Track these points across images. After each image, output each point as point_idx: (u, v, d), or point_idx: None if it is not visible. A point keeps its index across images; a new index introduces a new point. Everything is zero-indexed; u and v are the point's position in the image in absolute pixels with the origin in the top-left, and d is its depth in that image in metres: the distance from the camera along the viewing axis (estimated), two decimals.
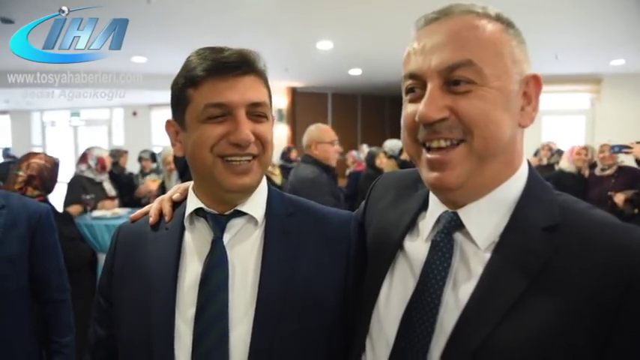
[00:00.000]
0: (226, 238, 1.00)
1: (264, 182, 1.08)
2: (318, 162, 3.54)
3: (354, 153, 7.44)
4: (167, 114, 1.06)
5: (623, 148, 4.66)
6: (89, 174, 4.34)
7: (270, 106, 1.03)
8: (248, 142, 0.94)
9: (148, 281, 1.00)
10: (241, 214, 1.02)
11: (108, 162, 4.54)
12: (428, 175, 0.85)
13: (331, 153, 3.59)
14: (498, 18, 0.85)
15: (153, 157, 6.92)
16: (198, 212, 1.03)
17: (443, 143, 0.83)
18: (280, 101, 11.05)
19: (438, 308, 0.83)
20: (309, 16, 5.69)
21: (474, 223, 0.85)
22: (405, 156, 6.39)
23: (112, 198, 4.48)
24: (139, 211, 1.16)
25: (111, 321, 1.05)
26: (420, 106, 0.82)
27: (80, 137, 13.85)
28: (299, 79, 10.53)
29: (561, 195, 0.87)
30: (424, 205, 0.97)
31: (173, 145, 1.05)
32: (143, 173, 6.37)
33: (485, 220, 0.85)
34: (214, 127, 0.94)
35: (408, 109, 0.87)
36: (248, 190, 1.00)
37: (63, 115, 13.88)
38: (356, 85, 10.85)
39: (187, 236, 1.04)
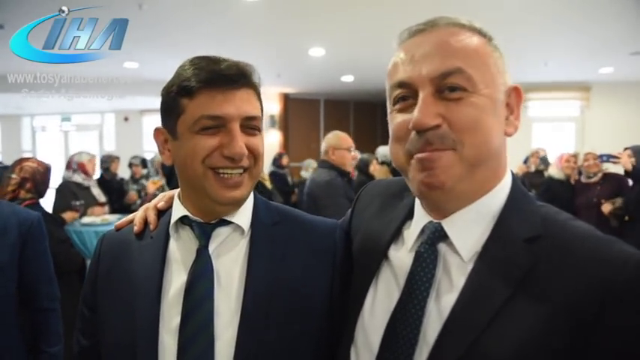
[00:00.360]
0: (212, 247, 1.00)
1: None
2: (335, 167, 3.71)
3: None
4: (159, 120, 1.06)
5: (610, 158, 4.71)
6: (77, 179, 4.31)
7: (262, 118, 1.03)
8: (242, 156, 0.94)
9: (132, 290, 0.99)
10: (227, 222, 1.02)
11: (90, 167, 4.52)
12: (417, 176, 0.85)
13: (348, 159, 3.75)
14: (481, 31, 0.87)
15: (144, 162, 6.87)
16: (183, 220, 1.03)
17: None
18: (272, 107, 11.06)
19: (421, 319, 0.83)
20: (301, 22, 5.72)
21: (457, 235, 0.86)
22: None
23: (101, 204, 4.45)
24: (123, 220, 1.16)
25: (95, 331, 1.04)
26: (415, 113, 0.82)
27: (71, 142, 13.74)
28: (291, 86, 10.55)
29: (544, 206, 0.89)
30: (409, 215, 0.98)
31: (161, 153, 1.04)
32: (133, 179, 6.32)
33: (469, 231, 0.86)
34: (207, 139, 0.94)
35: (398, 119, 0.87)
36: (238, 203, 1.00)
37: (54, 120, 13.77)
38: (348, 91, 10.90)
39: (172, 245, 1.03)
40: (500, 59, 0.88)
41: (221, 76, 0.94)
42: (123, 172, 6.84)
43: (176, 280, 0.99)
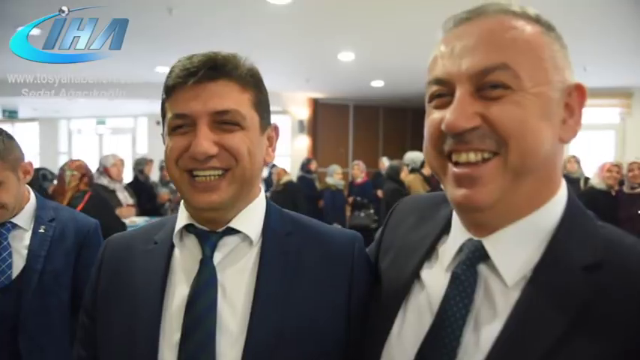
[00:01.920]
0: (217, 257, 0.93)
1: (261, 197, 1.00)
2: None
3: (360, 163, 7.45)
4: None
5: None
6: (103, 181, 4.36)
7: (260, 111, 0.95)
8: (204, 155, 0.86)
9: (133, 301, 0.93)
10: (235, 231, 0.94)
11: (115, 171, 4.57)
12: (454, 192, 0.75)
13: None
14: (538, 19, 0.76)
15: None
16: (188, 228, 0.96)
17: (473, 157, 0.73)
18: (301, 112, 11.04)
19: (456, 351, 0.73)
20: (330, 26, 5.66)
21: (501, 255, 0.75)
22: (427, 170, 6.25)
23: (129, 206, 4.48)
24: None
25: (94, 342, 0.98)
26: (448, 114, 0.72)
27: (105, 145, 14.07)
28: (320, 91, 10.51)
29: (605, 227, 0.76)
30: (446, 228, 0.87)
31: None
32: (163, 182, 6.39)
33: (516, 252, 0.74)
34: (178, 139, 0.89)
35: (434, 115, 0.78)
36: (218, 208, 0.91)
37: (89, 123, 14.15)
38: (378, 96, 10.78)
39: (177, 253, 0.97)
40: (561, 52, 0.76)
41: (187, 70, 0.88)
42: (153, 175, 6.93)
43: (179, 291, 0.92)
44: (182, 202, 1.00)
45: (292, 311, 0.89)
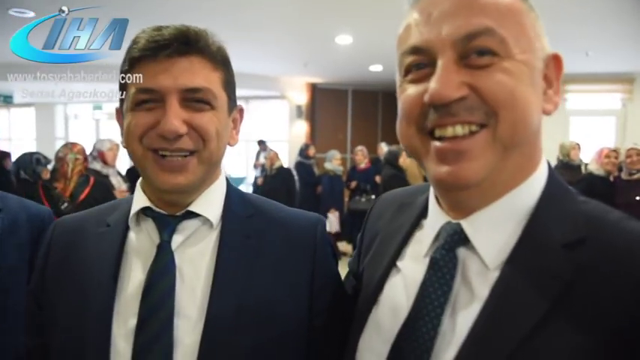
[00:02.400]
0: (176, 241, 0.88)
1: (221, 179, 0.96)
2: None
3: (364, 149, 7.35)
4: None
5: None
6: (96, 166, 4.30)
7: (228, 91, 0.90)
8: (174, 134, 0.81)
9: (84, 286, 0.88)
10: (194, 215, 0.90)
11: (110, 156, 4.50)
12: (437, 169, 0.69)
13: None
14: None
15: None
16: (145, 212, 0.91)
17: (460, 130, 0.67)
18: (299, 97, 10.93)
19: (433, 341, 0.68)
20: (327, 8, 5.55)
21: (481, 237, 0.70)
22: None
23: (121, 191, 4.43)
24: None
25: (42, 330, 0.93)
26: (432, 84, 0.66)
27: (102, 130, 13.98)
28: (318, 75, 10.39)
29: (588, 202, 0.72)
30: (423, 214, 0.83)
31: (121, 135, 0.93)
32: None
33: (496, 232, 0.70)
34: (143, 115, 0.84)
35: (410, 90, 0.71)
36: (184, 190, 0.87)
37: (86, 108, 14.03)
38: (377, 81, 10.65)
39: (131, 237, 0.92)
40: (537, 21, 0.72)
41: (156, 43, 0.82)
42: None
43: (134, 277, 0.87)
44: (139, 183, 0.95)
45: (252, 294, 0.86)
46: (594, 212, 0.69)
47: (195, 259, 0.89)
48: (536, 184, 0.72)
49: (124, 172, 5.13)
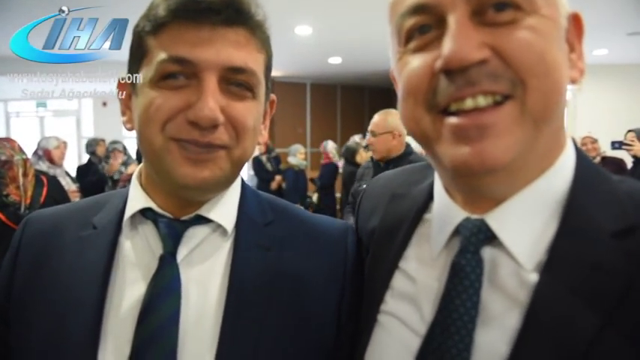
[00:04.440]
0: (181, 253, 0.72)
1: (238, 179, 0.80)
2: None
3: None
4: None
5: (622, 145, 4.59)
6: (42, 166, 3.99)
7: (267, 82, 0.74)
8: (211, 122, 0.65)
9: (62, 304, 0.70)
10: (205, 220, 0.73)
11: (57, 154, 4.19)
12: (455, 151, 0.56)
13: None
14: None
15: (125, 149, 6.50)
16: (145, 213, 0.73)
17: (482, 101, 0.55)
18: None
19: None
20: None
21: (512, 233, 0.59)
22: None
23: (72, 192, 4.13)
24: None
25: (6, 352, 0.74)
26: (446, 43, 0.54)
27: (47, 128, 13.21)
28: (277, 68, 10.18)
29: (624, 181, 0.61)
30: (425, 206, 0.70)
31: (123, 114, 0.75)
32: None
33: (529, 226, 0.59)
34: (170, 96, 0.65)
35: (415, 61, 0.58)
36: (206, 188, 0.70)
37: (28, 105, 13.22)
38: (335, 74, 10.59)
39: (125, 244, 0.74)
40: None
41: (198, 4, 0.64)
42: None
43: (129, 295, 0.70)
44: (135, 177, 0.77)
45: (274, 321, 0.70)
46: (637, 192, 0.59)
47: (205, 276, 0.72)
48: (566, 165, 0.62)
49: (72, 172, 4.82)
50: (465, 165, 0.56)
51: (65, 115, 13.14)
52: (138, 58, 0.70)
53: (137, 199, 0.75)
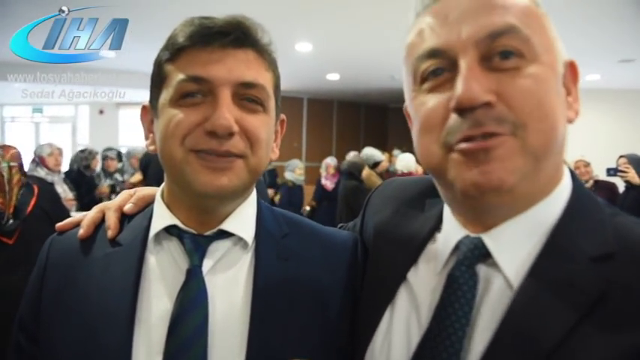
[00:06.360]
0: (206, 265, 0.76)
1: (253, 194, 0.85)
2: None
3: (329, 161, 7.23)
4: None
5: (617, 172, 4.67)
6: (40, 173, 3.99)
7: (276, 98, 0.80)
8: (227, 130, 0.71)
9: (92, 319, 0.74)
10: (226, 234, 0.78)
11: (52, 161, 4.19)
12: (466, 174, 0.63)
13: None
14: None
15: (119, 156, 6.50)
16: (170, 230, 0.78)
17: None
18: None
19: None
20: (289, 14, 5.48)
21: (505, 253, 0.66)
22: (382, 169, 6.18)
23: (68, 200, 4.13)
24: (68, 220, 0.89)
25: None
26: (458, 86, 0.60)
27: (42, 135, 13.17)
28: None
29: (618, 214, 0.68)
30: (437, 226, 0.77)
31: (146, 137, 0.81)
32: (106, 173, 5.96)
33: (520, 248, 0.65)
34: (189, 113, 0.72)
35: (429, 102, 0.65)
36: (225, 196, 0.75)
37: (24, 110, 13.19)
38: (333, 90, 10.70)
39: (151, 259, 0.78)
40: (552, 26, 0.69)
41: (209, 29, 0.72)
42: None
43: (157, 308, 0.74)
44: (159, 196, 0.82)
45: (296, 330, 0.75)
46: (623, 224, 0.66)
47: (229, 286, 0.77)
48: (561, 195, 0.69)
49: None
50: (474, 186, 0.63)
51: (61, 121, 13.13)
52: (158, 83, 0.77)
53: (162, 216, 0.80)
